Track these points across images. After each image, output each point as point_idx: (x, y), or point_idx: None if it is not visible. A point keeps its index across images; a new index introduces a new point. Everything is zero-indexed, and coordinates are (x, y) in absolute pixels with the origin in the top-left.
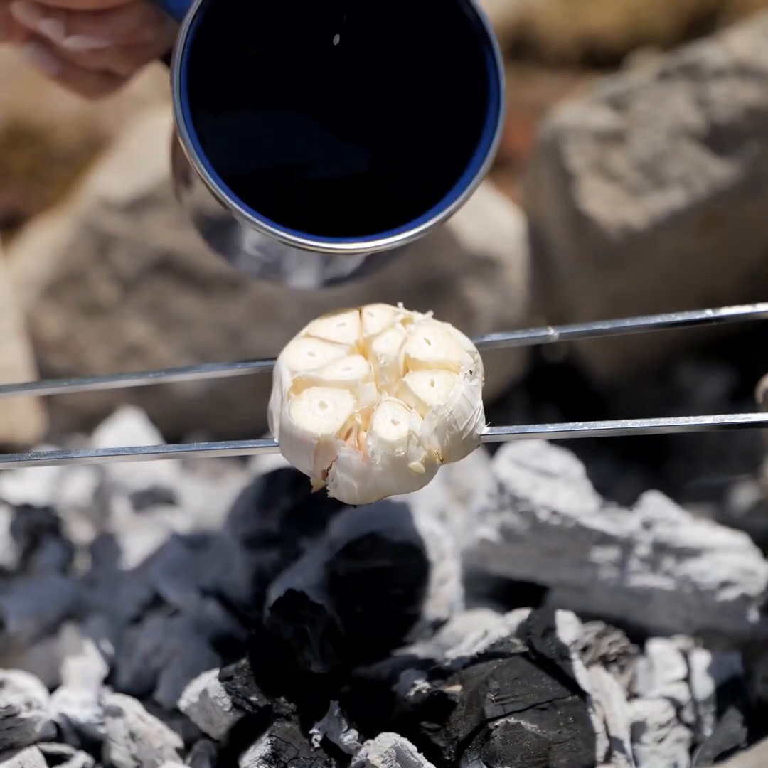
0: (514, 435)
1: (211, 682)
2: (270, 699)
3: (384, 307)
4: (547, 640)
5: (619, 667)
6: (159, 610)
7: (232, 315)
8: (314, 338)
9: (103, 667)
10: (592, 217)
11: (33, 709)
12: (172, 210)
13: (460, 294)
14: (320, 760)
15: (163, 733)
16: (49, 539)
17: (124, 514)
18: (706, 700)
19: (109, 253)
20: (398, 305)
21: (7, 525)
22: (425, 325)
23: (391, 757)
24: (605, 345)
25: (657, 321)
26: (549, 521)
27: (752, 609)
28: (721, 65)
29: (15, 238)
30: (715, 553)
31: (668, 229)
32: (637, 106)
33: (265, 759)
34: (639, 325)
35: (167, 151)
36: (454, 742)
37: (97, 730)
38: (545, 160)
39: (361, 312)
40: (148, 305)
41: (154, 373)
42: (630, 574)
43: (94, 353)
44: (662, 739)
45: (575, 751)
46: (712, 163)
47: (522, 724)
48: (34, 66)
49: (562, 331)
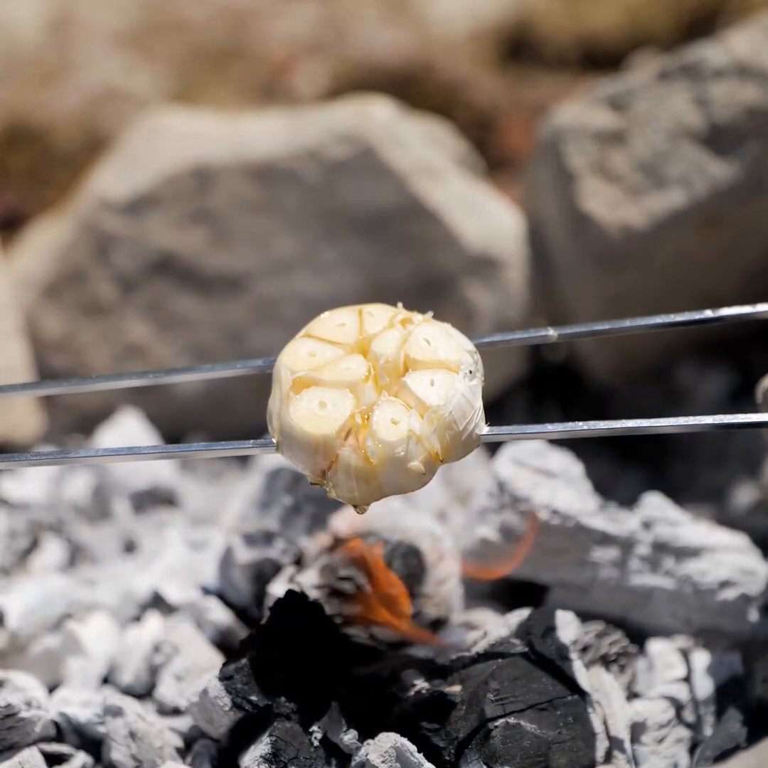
0: (514, 435)
1: (211, 682)
2: (270, 699)
3: (384, 307)
4: (547, 640)
5: (619, 667)
6: (159, 609)
7: (232, 315)
8: (314, 338)
9: (103, 666)
10: (592, 217)
11: (33, 708)
12: (172, 210)
13: (460, 294)
14: (320, 760)
15: (163, 732)
16: (49, 539)
17: (124, 514)
18: (706, 700)
19: (109, 253)
20: (398, 305)
21: (7, 525)
22: (425, 326)
23: (391, 757)
24: (605, 345)
25: (657, 321)
26: (549, 521)
27: (752, 609)
28: (721, 65)
29: (15, 238)
30: (715, 553)
31: (668, 229)
32: (637, 106)
33: (265, 758)
34: (639, 326)
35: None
36: (453, 742)
37: (97, 729)
38: (545, 160)
39: (360, 312)
40: (148, 305)
41: (154, 374)
42: (630, 574)
43: (94, 353)
44: (662, 739)
45: (575, 751)
46: (712, 163)
47: (522, 724)
48: None
49: (561, 331)
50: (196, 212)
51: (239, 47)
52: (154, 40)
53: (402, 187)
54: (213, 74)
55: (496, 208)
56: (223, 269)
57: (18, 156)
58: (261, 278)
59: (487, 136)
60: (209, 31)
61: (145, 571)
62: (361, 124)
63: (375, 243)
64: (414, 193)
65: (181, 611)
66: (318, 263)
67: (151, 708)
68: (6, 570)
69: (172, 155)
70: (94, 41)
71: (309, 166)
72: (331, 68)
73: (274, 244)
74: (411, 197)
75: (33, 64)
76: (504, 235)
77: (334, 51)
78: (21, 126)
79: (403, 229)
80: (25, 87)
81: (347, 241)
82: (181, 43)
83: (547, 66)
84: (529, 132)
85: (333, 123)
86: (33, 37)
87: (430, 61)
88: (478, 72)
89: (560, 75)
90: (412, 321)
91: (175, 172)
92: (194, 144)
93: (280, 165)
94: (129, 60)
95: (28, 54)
